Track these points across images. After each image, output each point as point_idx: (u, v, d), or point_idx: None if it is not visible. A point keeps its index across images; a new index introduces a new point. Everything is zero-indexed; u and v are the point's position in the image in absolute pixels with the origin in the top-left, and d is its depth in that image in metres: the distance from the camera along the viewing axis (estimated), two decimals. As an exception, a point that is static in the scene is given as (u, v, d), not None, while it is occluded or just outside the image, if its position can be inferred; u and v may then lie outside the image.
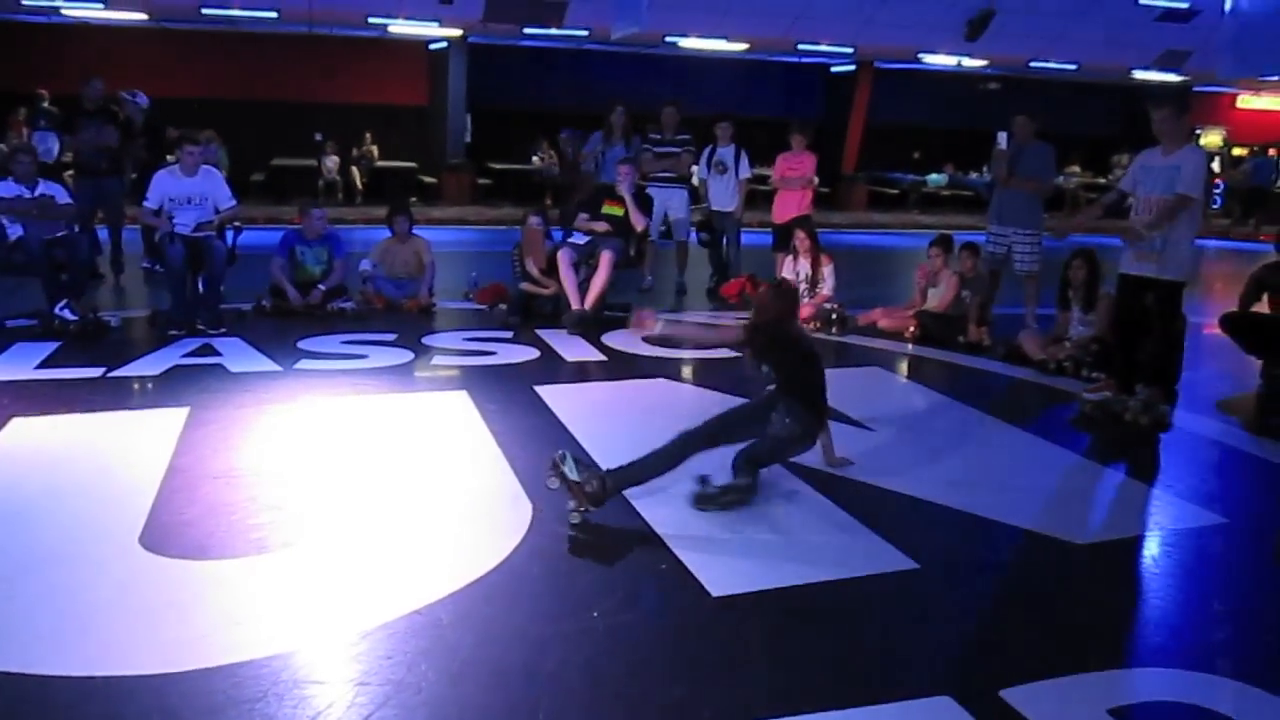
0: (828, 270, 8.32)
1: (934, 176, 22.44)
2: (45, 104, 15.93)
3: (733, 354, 7.25)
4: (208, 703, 2.69)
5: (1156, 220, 5.64)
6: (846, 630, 3.25)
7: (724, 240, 9.90)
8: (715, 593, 3.39)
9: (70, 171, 9.73)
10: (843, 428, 5.37)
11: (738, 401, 5.21)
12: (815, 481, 4.49)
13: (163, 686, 2.77)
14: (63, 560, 3.53)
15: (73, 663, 2.85)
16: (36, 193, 7.47)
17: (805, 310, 8.15)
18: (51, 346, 6.67)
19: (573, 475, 3.92)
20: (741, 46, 18.97)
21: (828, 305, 8.13)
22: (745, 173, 9.57)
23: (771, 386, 4.41)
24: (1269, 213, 16.88)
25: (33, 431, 4.96)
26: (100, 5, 15.70)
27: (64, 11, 16.23)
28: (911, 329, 7.83)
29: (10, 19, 17.31)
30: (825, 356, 7.17)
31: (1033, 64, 19.76)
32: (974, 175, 22.46)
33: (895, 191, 22.55)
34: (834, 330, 7.95)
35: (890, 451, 5.12)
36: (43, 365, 6.25)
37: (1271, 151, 22.65)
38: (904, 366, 7.22)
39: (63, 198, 7.67)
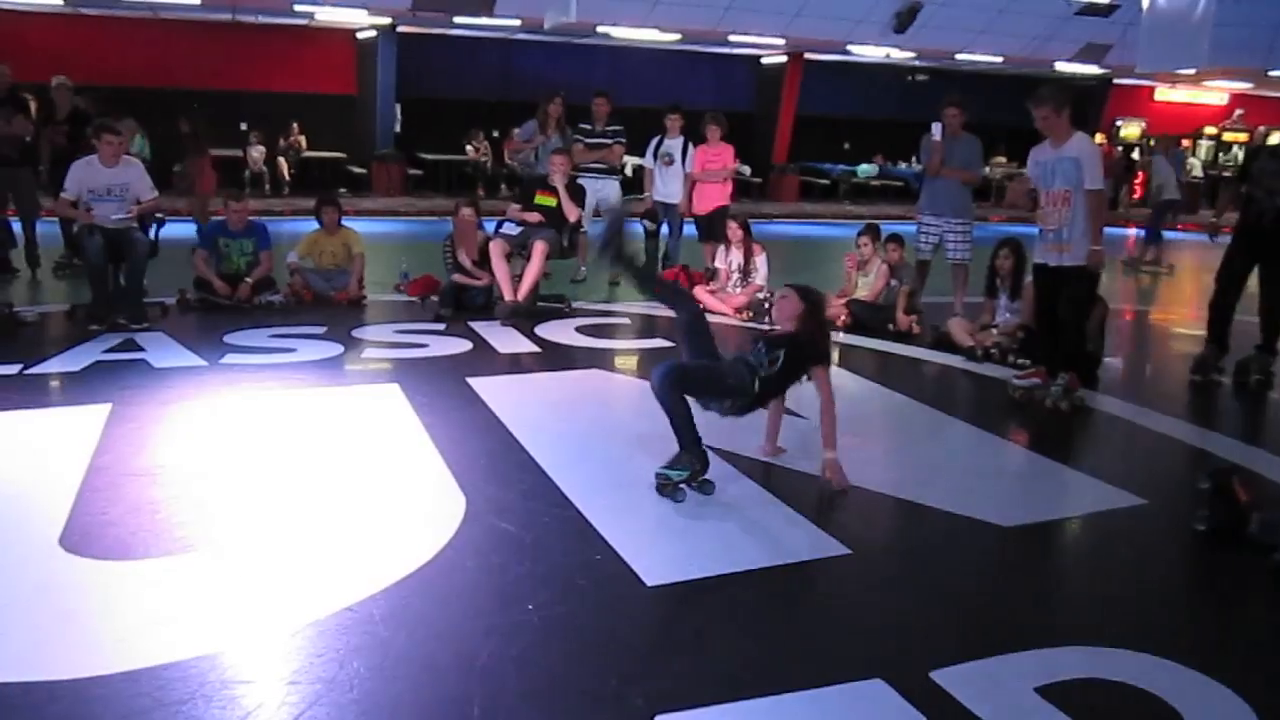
0: (760, 260, 8.38)
1: (864, 167, 22.69)
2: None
3: (663, 344, 7.29)
4: (132, 706, 2.62)
5: (1089, 223, 5.82)
6: (780, 616, 3.27)
7: (664, 231, 9.91)
8: (650, 582, 3.40)
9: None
10: (776, 416, 5.43)
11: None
12: (751, 471, 4.52)
13: (85, 690, 2.70)
14: (-23, 563, 3.43)
15: (-13, 668, 2.77)
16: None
17: (738, 300, 8.21)
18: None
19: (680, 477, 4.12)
20: (673, 37, 18.99)
21: (760, 295, 8.18)
22: (690, 166, 9.56)
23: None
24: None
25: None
26: (12, -12, 15.21)
27: (-29, -6, 15.71)
28: (843, 318, 7.91)
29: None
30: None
31: (959, 56, 20.08)
32: (903, 166, 22.77)
33: (826, 182, 22.75)
34: (767, 320, 8.00)
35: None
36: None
37: (1185, 143, 23.27)
38: (835, 355, 7.28)
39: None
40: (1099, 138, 21.46)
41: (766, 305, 8.05)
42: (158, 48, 17.93)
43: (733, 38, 19.01)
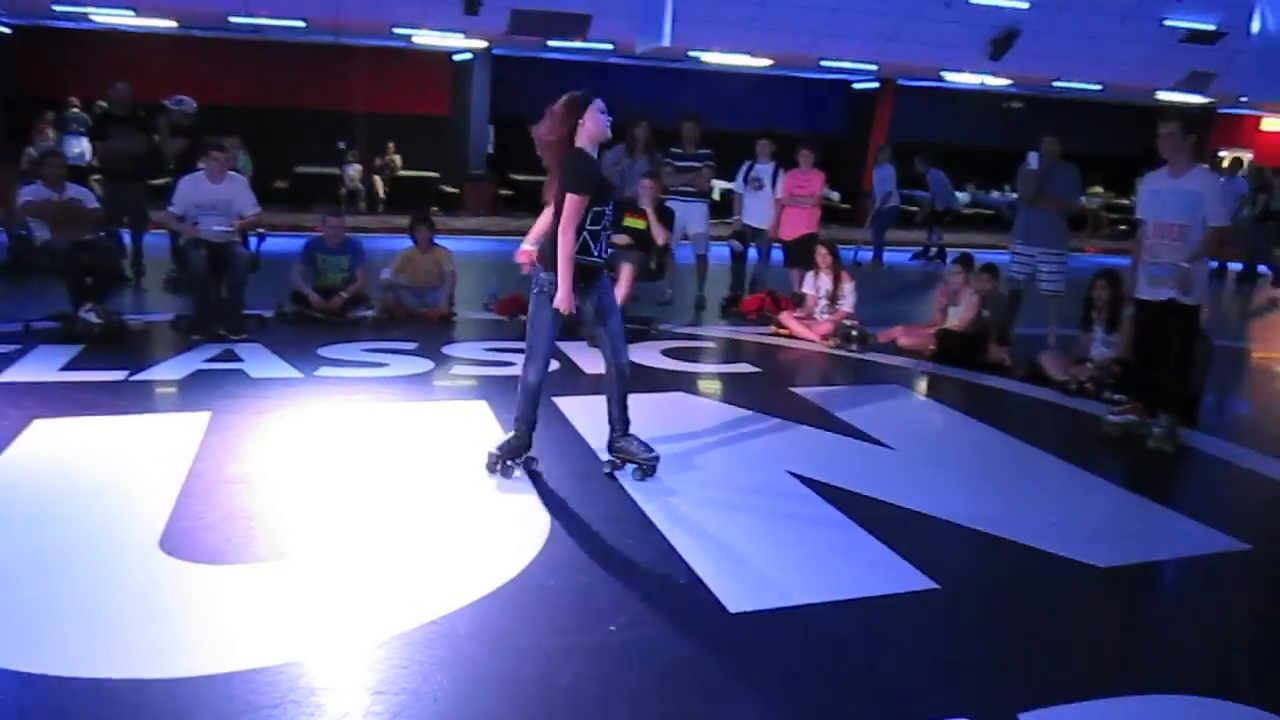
0: (848, 287, 8.30)
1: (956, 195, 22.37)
2: (74, 109, 16.16)
3: (748, 369, 7.26)
4: (224, 708, 2.69)
5: (1200, 253, 5.60)
6: (864, 650, 3.23)
7: (748, 255, 9.90)
8: (732, 609, 3.38)
9: (97, 176, 9.81)
10: (861, 445, 5.38)
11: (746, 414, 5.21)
12: (834, 499, 4.47)
13: (179, 690, 2.78)
14: (82, 562, 3.55)
15: (91, 664, 2.87)
16: (64, 196, 7.53)
17: (824, 326, 8.15)
18: (75, 349, 6.72)
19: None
20: (765, 62, 18.99)
21: (847, 322, 8.10)
22: (780, 191, 9.54)
23: None
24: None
25: (55, 434, 4.99)
26: (130, 12, 15.83)
27: (93, 18, 16.37)
28: (932, 347, 7.80)
29: (40, 24, 17.50)
30: (844, 373, 7.25)
31: (1057, 83, 19.71)
32: (995, 194, 22.38)
33: (915, 209, 22.46)
34: (854, 347, 7.93)
35: (910, 470, 5.09)
36: (66, 368, 6.30)
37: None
38: (924, 385, 7.18)
39: (90, 201, 7.74)
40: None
41: (854, 333, 7.99)
42: (262, 69, 18.54)
43: (825, 63, 18.95)
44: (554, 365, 6.86)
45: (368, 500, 4.29)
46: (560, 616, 3.31)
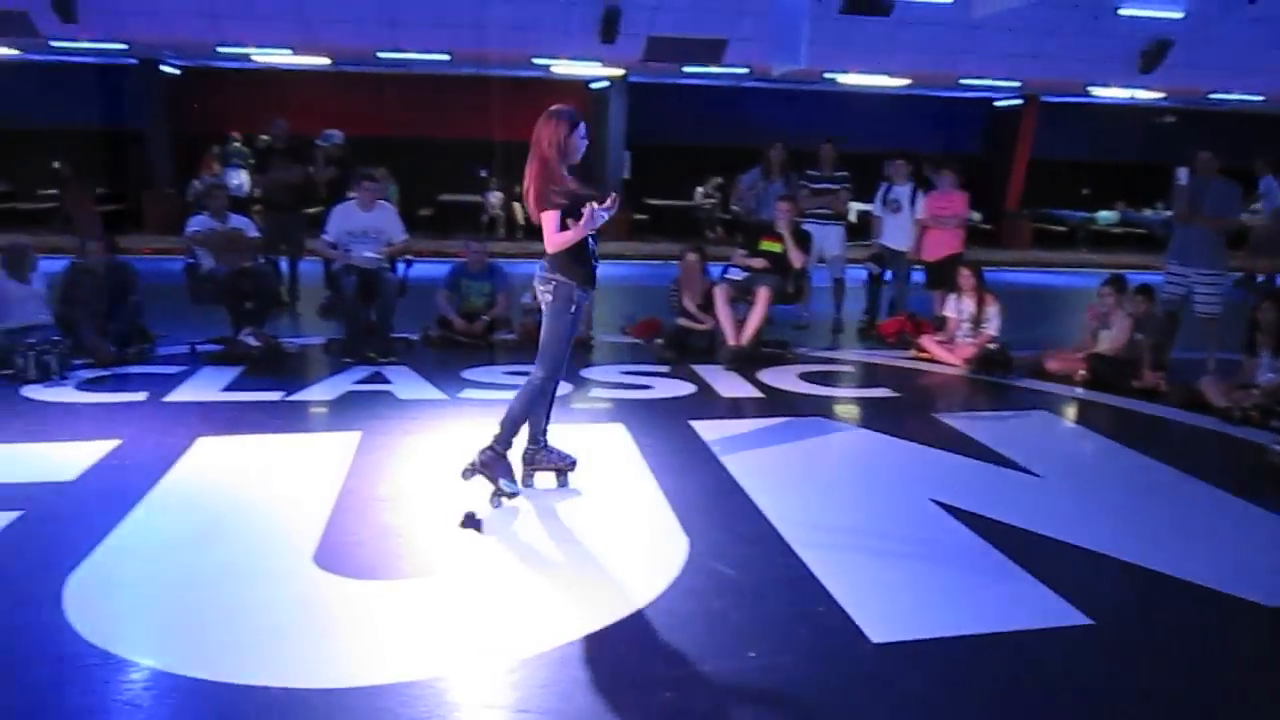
0: (992, 310, 8.06)
1: (1104, 214, 21.55)
2: (236, 143, 17.11)
3: (888, 393, 7.13)
4: (376, 719, 2.78)
5: None
6: (1012, 685, 3.12)
7: (886, 277, 9.75)
8: (874, 639, 3.32)
9: (257, 206, 10.35)
10: (1007, 473, 5.22)
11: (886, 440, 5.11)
12: (979, 528, 4.34)
13: (333, 700, 2.89)
14: (244, 574, 3.73)
15: (253, 673, 3.01)
16: (228, 226, 7.97)
17: (966, 350, 7.94)
18: (236, 371, 7.09)
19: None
20: (903, 82, 18.73)
21: (992, 346, 7.88)
22: (921, 212, 9.38)
23: None
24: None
25: (218, 451, 5.26)
26: (288, 51, 16.68)
27: (254, 58, 17.32)
28: (1081, 372, 7.51)
29: (206, 65, 18.59)
30: (988, 398, 7.05)
31: (1213, 95, 18.81)
32: (1148, 212, 21.47)
33: (1062, 229, 21.73)
34: (998, 372, 7.70)
35: (1058, 499, 4.91)
36: (228, 388, 6.65)
37: None
38: (1073, 411, 6.92)
39: (251, 231, 8.16)
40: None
41: (998, 357, 7.76)
42: (408, 101, 19.25)
43: (965, 81, 18.56)
44: (691, 388, 6.92)
45: (509, 520, 4.38)
46: (699, 642, 3.31)
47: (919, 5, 15.35)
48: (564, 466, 4.89)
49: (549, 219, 4.50)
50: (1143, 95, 19.20)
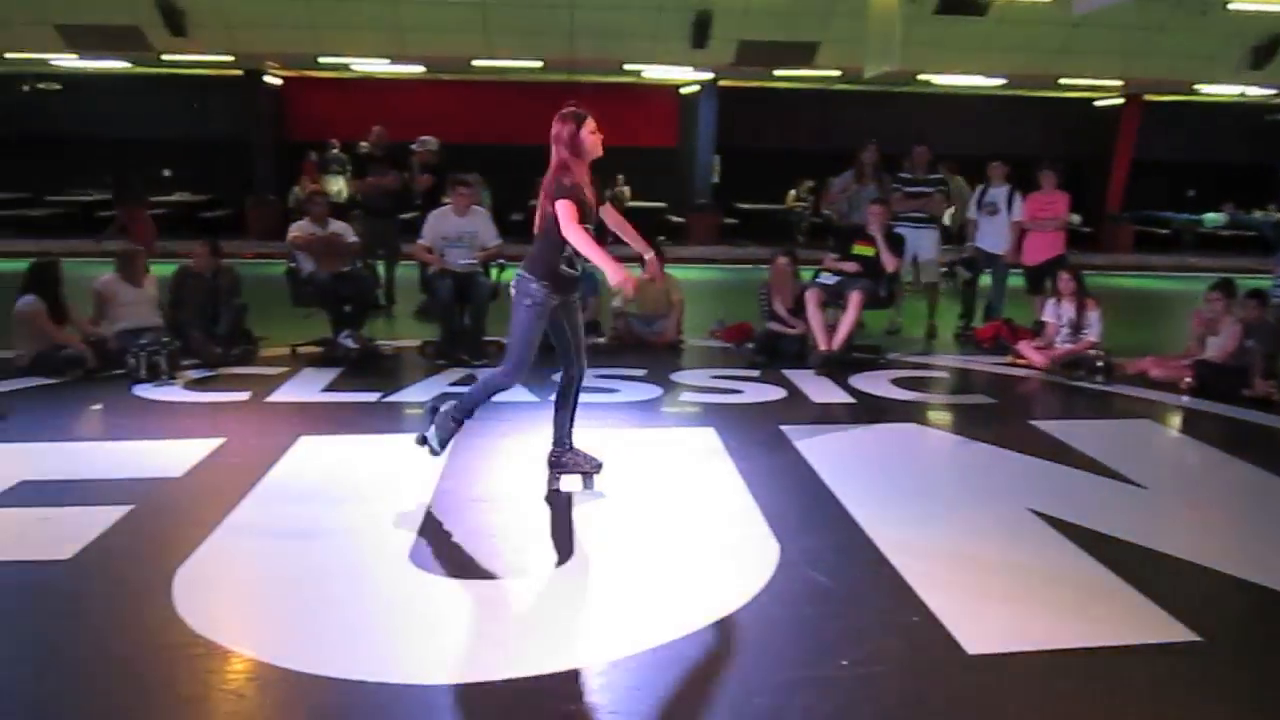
0: (1093, 315, 7.84)
1: (1211, 216, 20.81)
2: (334, 150, 17.56)
3: (984, 400, 6.99)
4: (467, 717, 2.83)
5: None
6: (1115, 701, 3.02)
7: (976, 281, 9.57)
8: (970, 650, 3.25)
9: (355, 211, 10.60)
10: (1109, 483, 5.07)
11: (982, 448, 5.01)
12: (1080, 539, 4.22)
13: (425, 697, 2.94)
14: (340, 570, 3.82)
15: (351, 667, 3.07)
16: (327, 231, 8.17)
17: (1067, 356, 7.74)
18: (335, 372, 7.27)
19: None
20: (998, 82, 18.36)
21: (1092, 352, 7.66)
22: (1018, 215, 9.19)
23: None
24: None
25: (318, 449, 5.40)
26: (386, 60, 17.07)
27: (353, 67, 17.77)
28: (1187, 380, 7.26)
29: (306, 74, 19.12)
30: (1089, 406, 6.86)
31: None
32: (1258, 214, 20.68)
33: (1166, 232, 21.05)
34: (1099, 379, 7.48)
35: (1163, 512, 4.76)
36: (327, 389, 6.82)
37: None
38: (1178, 420, 6.69)
39: (349, 236, 8.35)
40: None
41: (1099, 363, 7.55)
42: (500, 108, 19.50)
43: (1064, 81, 18.12)
44: (781, 393, 6.88)
45: (600, 523, 4.41)
46: (790, 648, 3.28)
47: (1016, 5, 15.03)
48: (590, 469, 4.96)
49: (565, 209, 4.57)
50: (1253, 92, 18.52)
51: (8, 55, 16.31)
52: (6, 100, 19.13)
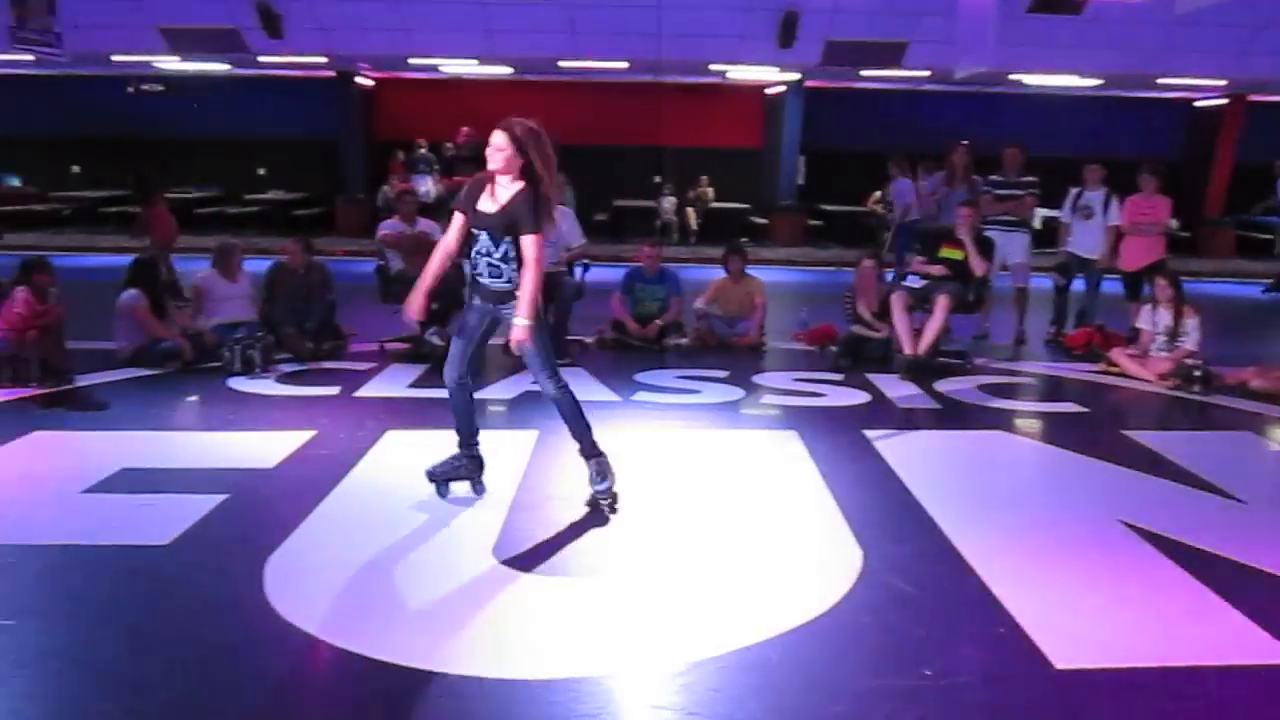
0: (1191, 323, 7.59)
1: (1322, 222, 19.98)
2: (422, 150, 17.86)
3: (1074, 408, 6.82)
4: (549, 712, 2.86)
5: None
6: (1211, 723, 2.94)
7: (1074, 287, 9.33)
8: (1058, 664, 3.17)
9: (444, 211, 10.75)
10: (1206, 496, 4.91)
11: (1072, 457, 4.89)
12: (1174, 553, 4.10)
13: (509, 691, 2.98)
14: (425, 563, 3.91)
15: (430, 657, 3.13)
16: (416, 230, 8.32)
17: (1163, 365, 7.51)
18: (421, 368, 7.39)
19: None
20: (1094, 82, 17.88)
21: (1189, 361, 7.42)
22: (1115, 219, 8.95)
23: None
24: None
25: (405, 444, 5.51)
26: (474, 61, 17.29)
27: (442, 68, 18.03)
28: (1290, 391, 6.99)
29: (393, 76, 19.48)
30: (1185, 417, 6.65)
31: None
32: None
33: (1269, 237, 20.26)
34: (1196, 389, 7.25)
35: (1263, 527, 4.59)
36: (414, 385, 6.95)
37: None
38: (1280, 433, 6.46)
39: (437, 234, 8.47)
40: None
41: (1197, 373, 7.32)
42: (585, 108, 19.63)
43: (1163, 81, 17.57)
44: (865, 397, 6.80)
45: (681, 523, 4.41)
46: (872, 657, 3.25)
47: (1115, 3, 14.63)
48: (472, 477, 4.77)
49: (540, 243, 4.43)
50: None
51: (115, 58, 16.89)
52: (113, 101, 19.85)
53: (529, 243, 4.38)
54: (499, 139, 4.48)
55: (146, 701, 2.89)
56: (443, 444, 5.53)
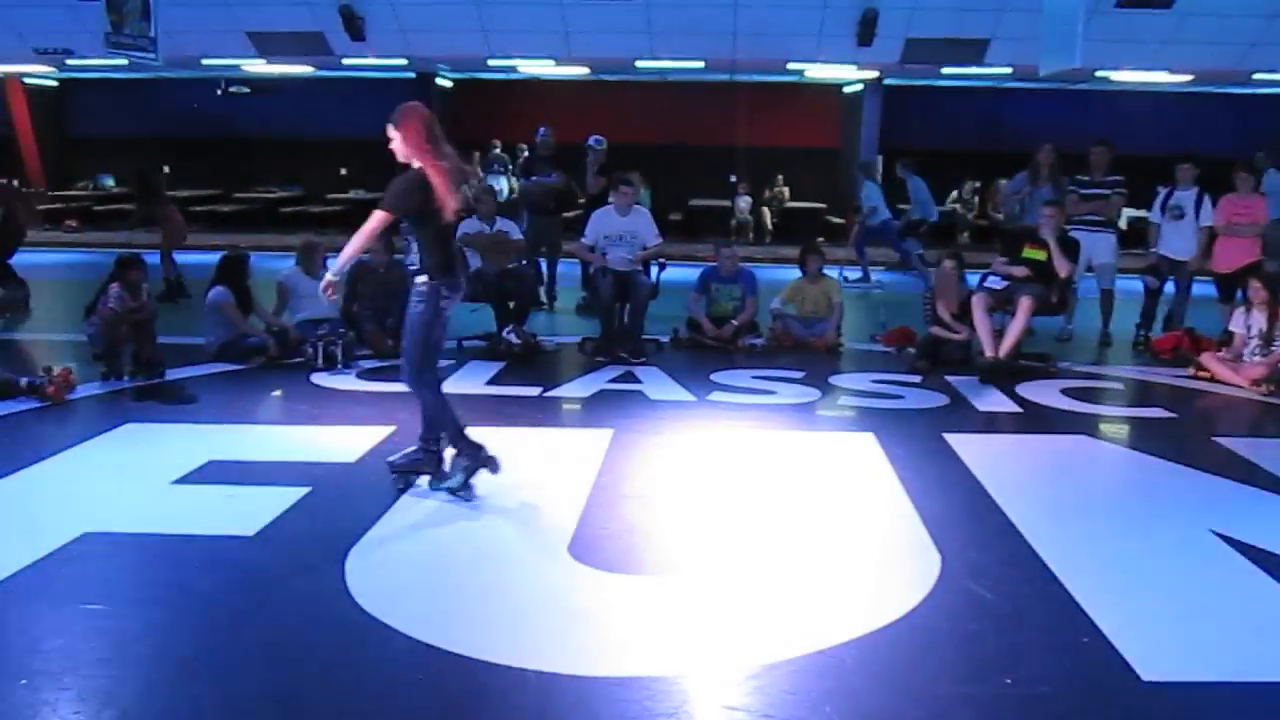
0: (1288, 327, 7.33)
1: None
2: (497, 150, 18.04)
3: (1162, 414, 6.64)
4: (624, 710, 2.85)
5: None
6: (1308, 742, 2.83)
7: (1163, 290, 9.08)
8: (1145, 676, 3.08)
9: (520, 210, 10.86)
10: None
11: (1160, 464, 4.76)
12: (1267, 564, 3.94)
13: (584, 688, 2.98)
14: (501, 558, 3.94)
15: (508, 652, 3.14)
16: (494, 229, 8.41)
17: (1255, 370, 7.26)
18: (498, 366, 7.48)
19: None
20: (1185, 78, 17.38)
21: (1285, 365, 7.16)
22: (1207, 219, 8.69)
23: None
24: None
25: (482, 440, 5.52)
26: (551, 62, 17.42)
27: (520, 68, 18.20)
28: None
29: (474, 77, 19.71)
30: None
31: None
32: None
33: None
34: (1291, 392, 7.00)
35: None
36: (491, 382, 7.03)
37: None
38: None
39: (515, 234, 8.57)
40: None
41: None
42: (660, 107, 19.65)
43: (1258, 76, 17.01)
44: (944, 400, 6.70)
45: (756, 524, 4.39)
46: (951, 662, 3.19)
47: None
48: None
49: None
50: None
51: (205, 61, 17.37)
52: (202, 103, 20.41)
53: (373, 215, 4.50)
54: (388, 131, 4.60)
55: (228, 690, 2.96)
56: (520, 440, 5.61)
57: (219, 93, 20.06)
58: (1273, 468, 5.29)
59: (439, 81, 19.39)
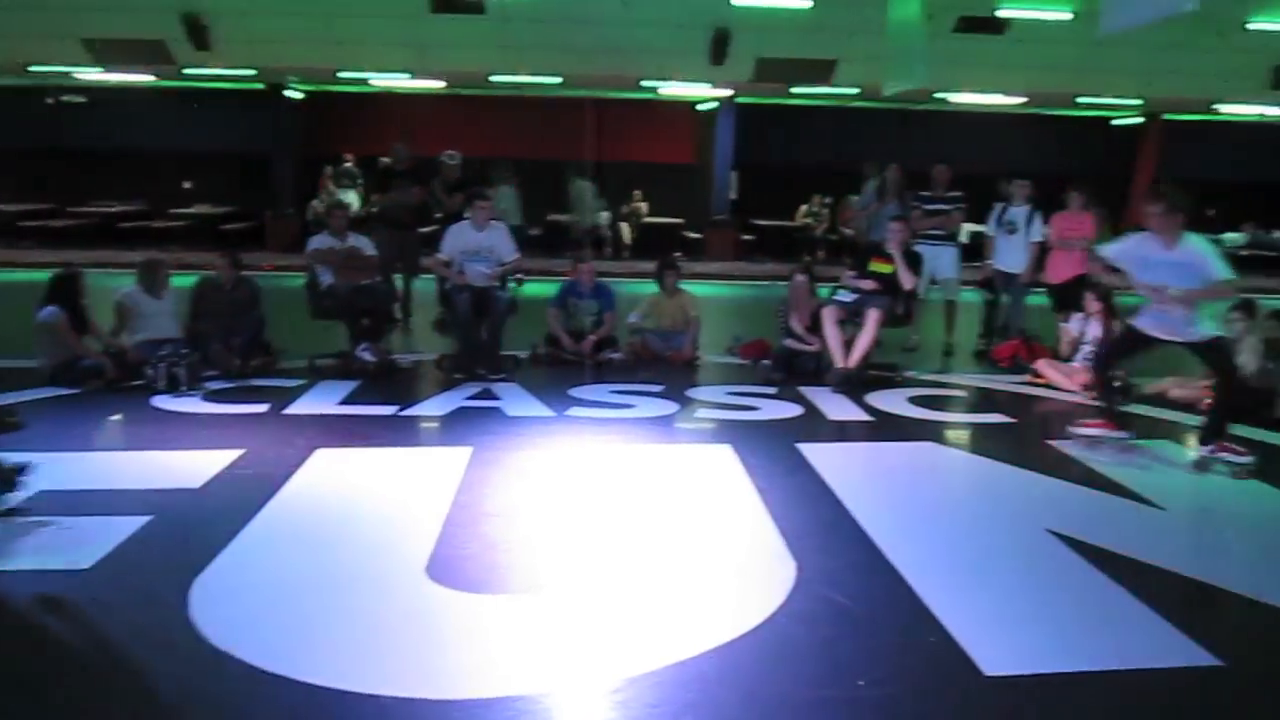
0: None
1: (1231, 236, 20.63)
2: (347, 164, 17.66)
3: (1002, 419, 6.96)
4: (484, 733, 2.82)
5: None
6: (1137, 726, 3.00)
7: (1000, 301, 9.53)
8: (988, 671, 3.22)
9: (374, 224, 10.63)
10: (1128, 504, 5.04)
11: (1000, 467, 4.96)
12: (1099, 561, 4.19)
13: (442, 711, 2.93)
14: (357, 583, 3.82)
15: (364, 680, 3.07)
16: (347, 244, 8.21)
17: (1086, 375, 7.69)
18: (352, 385, 7.29)
19: None
20: (1018, 101, 18.34)
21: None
22: (1038, 235, 9.16)
23: None
24: None
25: (335, 462, 5.42)
26: (407, 75, 17.17)
27: (372, 82, 17.87)
28: (1207, 401, 7.19)
29: (325, 89, 19.25)
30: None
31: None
32: (1278, 234, 20.54)
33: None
34: (1118, 399, 7.42)
35: (1184, 534, 4.73)
36: (344, 401, 6.85)
37: None
38: (1197, 441, 6.63)
39: (369, 249, 8.39)
40: None
41: (1117, 384, 7.48)
42: (521, 123, 19.60)
43: (1082, 99, 18.09)
44: (798, 410, 6.86)
45: (617, 538, 4.39)
46: (808, 668, 3.26)
47: (1036, 23, 15.04)
48: None
49: None
50: (1273, 112, 18.45)
51: (32, 68, 16.45)
52: (30, 113, 19.33)
53: None
54: None
55: (65, 731, 2.80)
56: (375, 461, 5.49)
57: (49, 101, 19.04)
58: (1103, 468, 5.62)
59: (288, 93, 18.87)
